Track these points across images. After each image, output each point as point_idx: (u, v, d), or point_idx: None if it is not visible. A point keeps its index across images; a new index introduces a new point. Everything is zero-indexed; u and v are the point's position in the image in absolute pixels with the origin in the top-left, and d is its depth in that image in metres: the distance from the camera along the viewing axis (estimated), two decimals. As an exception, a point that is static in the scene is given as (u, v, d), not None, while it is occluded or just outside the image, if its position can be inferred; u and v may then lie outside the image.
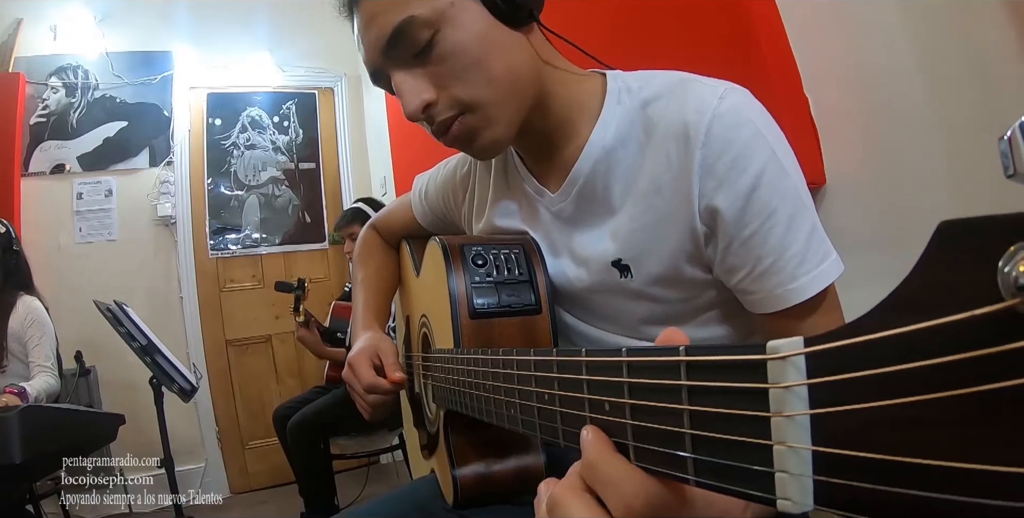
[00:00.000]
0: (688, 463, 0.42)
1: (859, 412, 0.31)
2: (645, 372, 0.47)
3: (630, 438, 0.48)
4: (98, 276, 4.46)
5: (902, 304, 0.30)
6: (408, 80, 0.97)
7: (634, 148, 1.00)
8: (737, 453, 0.38)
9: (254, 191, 5.24)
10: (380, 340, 1.34)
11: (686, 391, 0.42)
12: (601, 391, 0.52)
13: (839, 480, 0.32)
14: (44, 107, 4.63)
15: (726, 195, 0.89)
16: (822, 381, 0.34)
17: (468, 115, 0.97)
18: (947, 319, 0.28)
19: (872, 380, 0.31)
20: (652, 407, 0.46)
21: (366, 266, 1.57)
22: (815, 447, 0.34)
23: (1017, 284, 0.25)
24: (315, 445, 3.55)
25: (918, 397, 0.29)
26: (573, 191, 1.06)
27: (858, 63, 1.85)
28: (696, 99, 0.93)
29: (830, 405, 0.33)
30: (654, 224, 0.97)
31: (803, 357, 0.35)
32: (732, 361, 0.39)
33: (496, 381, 0.77)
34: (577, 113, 1.06)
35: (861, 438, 0.31)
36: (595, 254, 1.04)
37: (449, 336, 1.05)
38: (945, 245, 0.29)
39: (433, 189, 1.42)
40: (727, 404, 0.39)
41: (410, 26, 0.93)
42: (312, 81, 5.45)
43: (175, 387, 3.07)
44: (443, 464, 1.13)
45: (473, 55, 0.95)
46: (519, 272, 1.07)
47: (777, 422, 0.35)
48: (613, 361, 0.50)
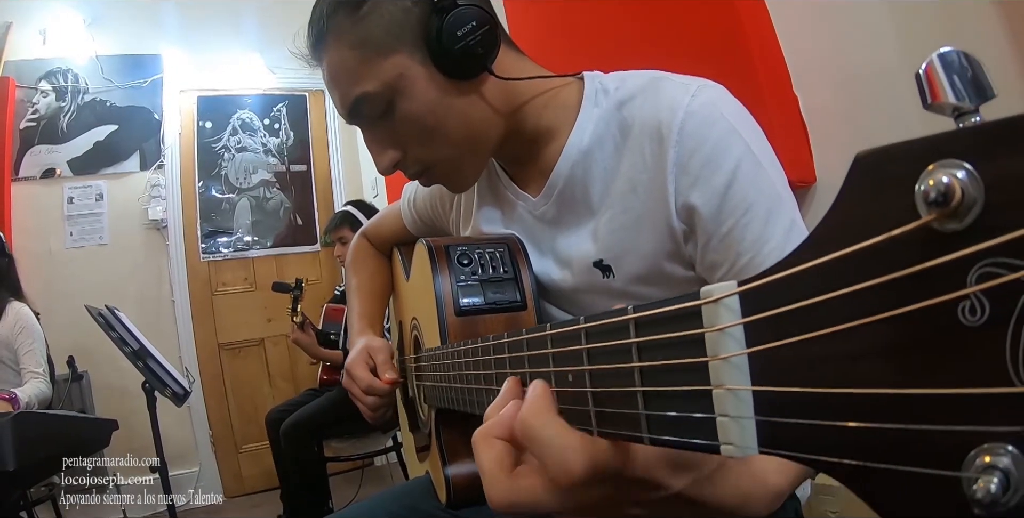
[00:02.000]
0: (642, 420, 0.43)
1: (794, 347, 0.32)
2: (601, 336, 0.48)
3: (591, 404, 0.49)
4: (89, 280, 4.45)
5: (827, 235, 0.31)
6: (374, 142, 1.05)
7: (611, 149, 1.01)
8: (682, 403, 0.39)
9: (245, 194, 5.23)
10: (371, 341, 1.34)
11: (635, 348, 0.43)
12: (564, 362, 0.53)
13: (781, 418, 0.33)
14: (34, 111, 4.62)
15: (702, 192, 0.90)
16: (755, 319, 0.34)
17: (434, 168, 1.06)
18: (866, 243, 0.28)
19: (803, 313, 0.31)
20: (608, 370, 0.46)
21: (359, 274, 1.58)
22: (754, 387, 0.34)
23: (928, 199, 0.25)
24: (309, 448, 3.55)
25: (847, 325, 0.29)
26: (553, 194, 1.07)
27: (847, 62, 1.85)
28: (668, 97, 0.94)
29: (765, 343, 0.33)
30: (633, 224, 0.97)
31: (736, 298, 0.35)
32: (673, 311, 0.40)
33: (476, 370, 0.78)
34: (553, 121, 1.07)
35: (799, 374, 0.31)
36: (577, 255, 1.05)
37: (436, 335, 1.05)
38: (864, 174, 0.30)
39: (421, 197, 1.43)
40: (672, 355, 0.40)
41: (364, 103, 1.00)
42: (303, 83, 5.42)
43: (168, 391, 3.06)
44: (435, 464, 1.13)
45: (427, 123, 1.00)
46: (504, 270, 1.08)
47: (714, 366, 0.36)
48: (573, 330, 0.51)
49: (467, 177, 1.08)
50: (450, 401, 0.95)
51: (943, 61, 0.29)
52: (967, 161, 0.25)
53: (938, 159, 0.26)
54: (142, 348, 3.05)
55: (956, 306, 0.25)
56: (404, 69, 0.97)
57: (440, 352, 0.99)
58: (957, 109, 0.28)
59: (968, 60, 0.29)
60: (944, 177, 0.25)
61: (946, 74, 0.29)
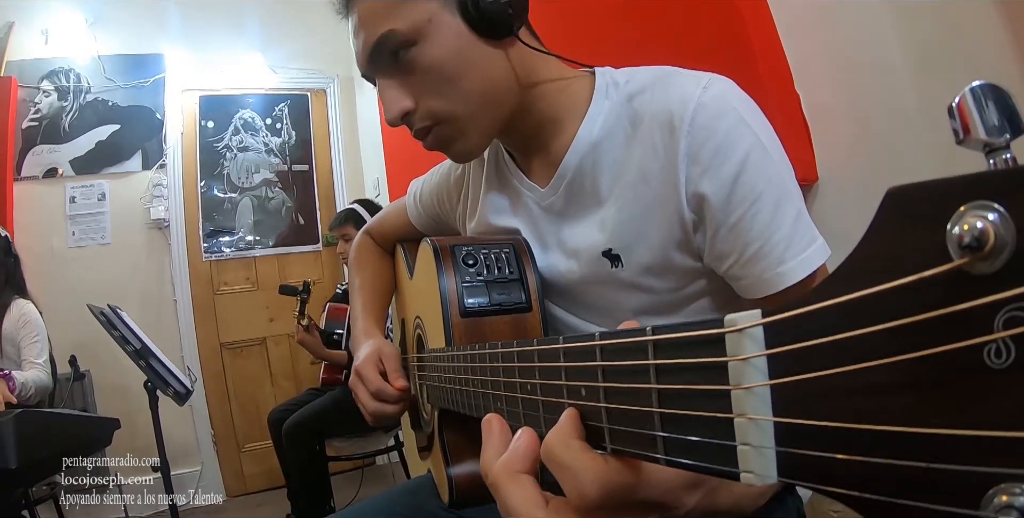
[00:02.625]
0: (659, 442, 0.43)
1: (817, 381, 0.32)
2: (616, 354, 0.47)
3: (605, 421, 0.49)
4: (91, 280, 4.46)
5: (855, 271, 0.31)
6: (389, 89, 1.01)
7: (621, 140, 1.01)
8: (702, 428, 0.39)
9: (247, 193, 5.24)
10: (383, 345, 1.33)
11: (654, 370, 0.43)
12: (578, 377, 0.53)
13: (802, 450, 0.33)
14: (36, 111, 4.63)
15: (711, 181, 0.90)
16: (779, 351, 0.34)
17: (442, 125, 1.02)
18: (896, 283, 0.28)
19: (828, 348, 0.31)
20: (624, 389, 0.46)
21: (362, 272, 1.57)
22: (776, 418, 0.34)
23: (963, 243, 0.25)
24: (311, 447, 3.55)
25: (872, 363, 0.29)
26: (562, 185, 1.07)
27: (848, 59, 1.85)
28: (680, 89, 0.95)
29: (789, 375, 0.33)
30: (643, 213, 0.98)
31: (760, 328, 0.35)
32: (694, 337, 0.40)
33: (483, 375, 0.78)
34: (563, 111, 1.07)
35: (821, 407, 0.31)
36: (585, 245, 1.05)
37: (441, 335, 1.05)
38: (894, 211, 0.29)
39: (427, 192, 1.43)
40: (691, 380, 0.40)
41: (389, 40, 0.97)
42: (304, 83, 5.45)
43: (170, 391, 3.07)
44: (438, 463, 1.13)
45: (448, 72, 0.98)
46: (509, 271, 1.07)
47: (737, 395, 0.36)
48: (587, 346, 0.51)
49: (472, 143, 1.05)
50: (454, 403, 0.95)
51: (974, 95, 0.29)
52: (999, 203, 0.25)
53: (970, 200, 0.26)
54: (144, 347, 3.05)
55: (982, 348, 0.25)
56: (434, 15, 0.97)
57: (446, 354, 0.98)
58: (988, 145, 0.28)
59: (999, 94, 0.29)
60: (978, 222, 0.25)
61: (978, 109, 0.29)
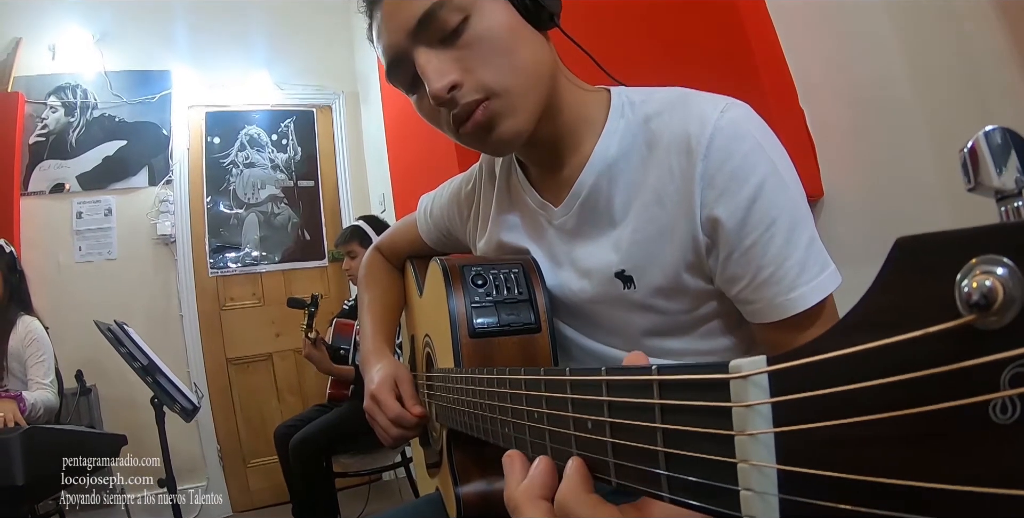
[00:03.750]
0: (663, 480, 0.43)
1: (822, 431, 0.32)
2: (622, 391, 0.48)
3: (610, 455, 0.49)
4: (98, 295, 4.46)
5: (863, 321, 0.31)
6: (434, 60, 0.96)
7: (636, 161, 1.02)
8: (705, 471, 0.39)
9: (253, 209, 5.25)
10: (397, 369, 1.33)
11: (659, 409, 0.43)
12: (584, 410, 0.53)
13: (804, 499, 0.33)
14: (43, 126, 4.65)
15: (727, 206, 0.91)
16: (784, 400, 0.34)
17: (493, 100, 0.97)
18: (904, 337, 0.28)
19: (833, 398, 0.31)
20: (629, 425, 0.46)
21: (372, 289, 1.57)
22: (779, 466, 0.34)
23: (971, 301, 0.25)
24: (318, 463, 3.54)
25: (877, 415, 0.29)
26: (576, 204, 1.07)
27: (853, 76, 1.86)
28: (698, 112, 0.95)
29: (793, 424, 0.33)
30: (657, 235, 0.98)
31: (766, 376, 0.35)
32: (698, 380, 0.39)
33: (491, 400, 0.78)
34: (583, 125, 1.07)
35: (825, 457, 0.31)
36: (598, 265, 1.05)
37: (450, 355, 1.05)
38: (904, 261, 0.29)
39: (438, 207, 1.43)
40: (696, 422, 0.39)
41: (443, 8, 0.94)
42: (310, 99, 5.47)
43: (177, 407, 3.06)
44: (446, 482, 1.13)
45: (502, 42, 0.96)
46: (519, 291, 1.07)
47: (741, 441, 0.36)
48: (593, 380, 0.51)
49: (520, 122, 0.99)
50: (462, 425, 0.95)
51: (988, 140, 0.29)
52: (1008, 257, 0.25)
53: (980, 254, 0.26)
54: (151, 363, 3.05)
55: (987, 404, 0.25)
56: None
57: (454, 375, 0.99)
58: (1000, 192, 0.28)
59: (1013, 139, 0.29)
60: (987, 280, 0.25)
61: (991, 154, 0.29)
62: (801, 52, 2.00)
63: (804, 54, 2.00)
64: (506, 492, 0.59)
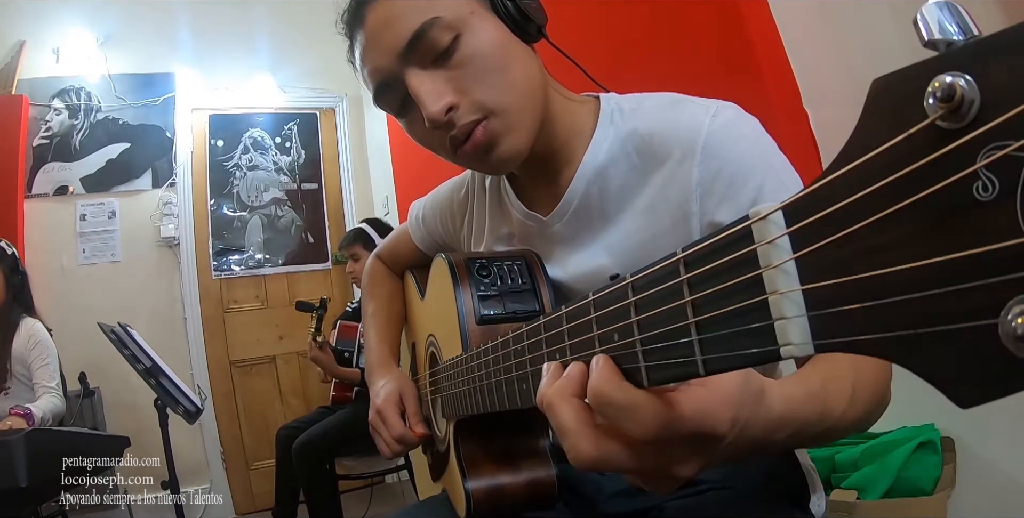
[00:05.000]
0: (695, 346, 0.45)
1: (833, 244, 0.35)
2: (647, 285, 0.50)
3: (641, 360, 0.51)
4: (102, 297, 4.47)
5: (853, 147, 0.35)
6: (427, 82, 0.94)
7: (625, 167, 1.02)
8: (738, 320, 0.42)
9: (257, 212, 5.26)
10: (403, 384, 1.34)
11: (686, 284, 0.46)
12: (609, 322, 0.55)
13: (831, 309, 0.36)
14: (47, 129, 4.66)
15: (728, 210, 0.91)
16: (798, 227, 0.38)
17: (491, 119, 0.95)
18: (885, 145, 0.32)
19: (838, 214, 0.35)
20: (658, 314, 0.48)
21: (376, 298, 1.57)
22: (803, 286, 0.37)
23: (936, 97, 0.30)
24: (321, 465, 3.54)
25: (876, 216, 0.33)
26: (568, 212, 1.08)
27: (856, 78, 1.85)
28: (689, 118, 0.95)
29: (808, 245, 0.37)
30: (651, 240, 0.98)
31: (780, 213, 0.39)
32: (725, 237, 0.43)
33: (507, 361, 0.79)
34: (574, 136, 1.07)
35: (840, 266, 0.35)
36: (591, 270, 1.05)
37: (457, 345, 1.05)
38: (880, 95, 0.34)
39: (430, 214, 1.43)
40: (725, 279, 0.43)
41: (433, 27, 0.93)
42: (314, 102, 5.48)
43: (180, 409, 3.06)
44: (454, 479, 1.12)
45: (495, 59, 0.95)
46: (523, 281, 1.08)
47: (768, 275, 0.39)
48: (619, 287, 0.54)
49: (520, 140, 0.98)
50: (475, 404, 0.95)
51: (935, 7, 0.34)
52: (965, 72, 0.29)
53: (939, 73, 0.30)
54: (154, 366, 3.05)
55: (971, 186, 0.29)
56: (474, 9, 0.96)
57: (464, 357, 0.99)
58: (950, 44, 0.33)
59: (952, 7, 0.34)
60: (947, 78, 0.29)
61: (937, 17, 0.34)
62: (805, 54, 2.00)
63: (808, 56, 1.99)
64: (539, 390, 0.59)
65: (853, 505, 1.76)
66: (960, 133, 0.29)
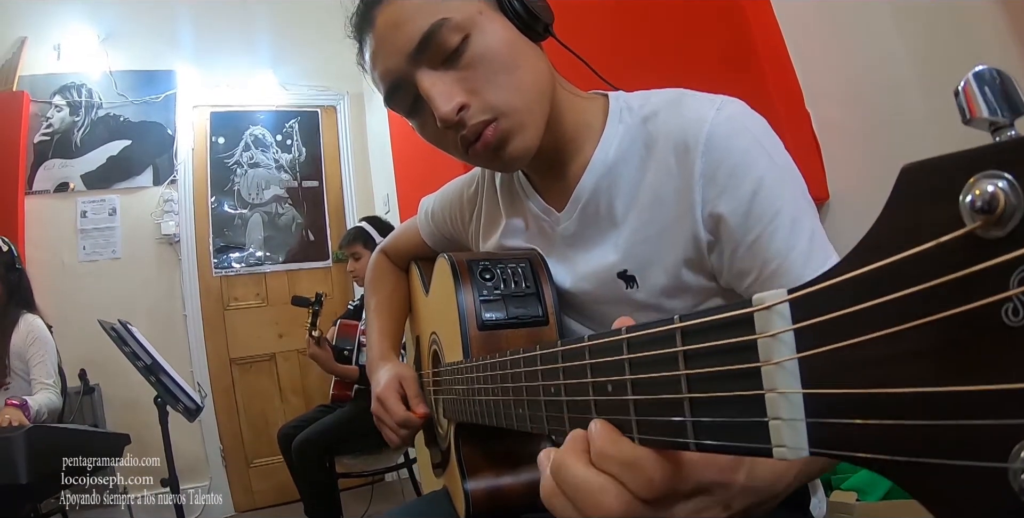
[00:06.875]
0: (687, 427, 0.44)
1: (843, 351, 0.33)
2: (644, 346, 0.49)
3: (632, 413, 0.50)
4: (102, 294, 4.47)
5: (875, 244, 0.32)
6: (438, 83, 0.96)
7: (635, 163, 1.02)
8: (733, 409, 0.40)
9: (258, 209, 5.26)
10: (402, 370, 1.35)
11: (682, 356, 0.44)
12: (604, 372, 0.54)
13: (831, 420, 0.34)
14: (48, 126, 4.65)
15: (728, 202, 0.91)
16: (805, 325, 0.35)
17: (502, 119, 0.97)
18: (914, 250, 0.29)
19: (852, 318, 0.32)
20: (652, 379, 0.47)
21: (378, 292, 1.58)
22: (805, 390, 0.35)
23: (975, 207, 0.26)
24: (321, 463, 3.54)
25: (894, 329, 0.30)
26: (577, 209, 1.08)
27: (858, 78, 1.86)
28: (694, 111, 0.96)
29: (816, 347, 0.34)
30: (658, 235, 0.98)
31: (787, 305, 0.37)
32: (723, 319, 0.41)
33: (504, 382, 0.78)
34: (582, 132, 1.07)
35: (848, 376, 0.33)
36: (600, 267, 1.05)
37: (459, 349, 1.05)
38: (909, 185, 0.31)
39: (439, 209, 1.43)
40: (721, 362, 0.41)
41: (443, 29, 0.93)
42: (315, 99, 5.48)
43: (180, 406, 3.06)
44: (454, 478, 1.13)
45: (505, 59, 0.96)
46: (526, 285, 1.08)
47: (767, 370, 0.37)
48: (614, 340, 0.52)
49: (530, 139, 0.99)
50: (474, 415, 0.95)
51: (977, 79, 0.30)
52: (1008, 172, 0.26)
53: (980, 170, 0.27)
54: (155, 363, 3.05)
55: (999, 308, 0.26)
56: (482, 9, 0.97)
57: (464, 366, 0.99)
58: (993, 124, 0.30)
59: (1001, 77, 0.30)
60: (989, 186, 0.26)
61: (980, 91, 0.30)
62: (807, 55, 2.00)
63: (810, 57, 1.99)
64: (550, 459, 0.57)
65: (853, 506, 1.77)
66: (998, 246, 0.26)
